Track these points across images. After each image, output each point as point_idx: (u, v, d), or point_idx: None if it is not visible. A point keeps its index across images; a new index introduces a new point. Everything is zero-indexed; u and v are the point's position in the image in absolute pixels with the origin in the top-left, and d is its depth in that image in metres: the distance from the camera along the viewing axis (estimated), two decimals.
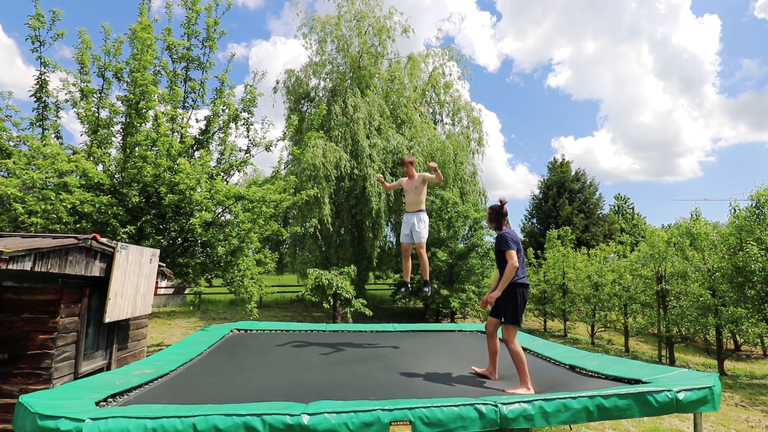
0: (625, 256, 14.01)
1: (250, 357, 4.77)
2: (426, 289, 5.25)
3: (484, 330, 6.88)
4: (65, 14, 7.53)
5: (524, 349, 5.26)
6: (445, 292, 13.41)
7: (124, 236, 6.86)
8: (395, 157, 16.20)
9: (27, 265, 3.75)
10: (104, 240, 4.91)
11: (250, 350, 5.10)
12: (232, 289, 8.70)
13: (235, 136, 9.55)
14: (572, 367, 4.27)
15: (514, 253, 3.76)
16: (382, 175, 5.55)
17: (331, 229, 15.65)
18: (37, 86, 7.57)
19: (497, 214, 4.07)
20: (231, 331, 6.05)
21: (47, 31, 7.43)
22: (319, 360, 4.74)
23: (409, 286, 5.45)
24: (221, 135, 9.37)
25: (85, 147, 7.71)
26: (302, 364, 4.54)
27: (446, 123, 19.80)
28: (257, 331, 6.33)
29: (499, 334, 4.02)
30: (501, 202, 4.08)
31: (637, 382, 3.37)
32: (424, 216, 5.19)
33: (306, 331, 6.44)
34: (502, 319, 3.84)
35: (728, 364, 10.66)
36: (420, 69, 19.30)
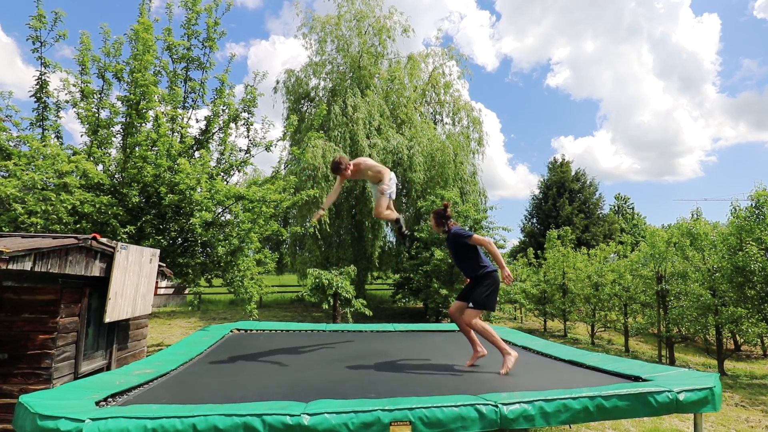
0: (625, 256, 14.00)
1: (250, 357, 4.76)
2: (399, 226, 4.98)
3: None
4: (66, 15, 7.53)
5: (526, 349, 5.27)
6: (444, 291, 13.41)
7: (124, 236, 6.86)
8: (395, 157, 16.21)
9: (27, 265, 3.75)
10: (104, 240, 4.91)
11: (250, 350, 5.09)
12: (232, 290, 8.71)
13: (235, 136, 9.56)
14: (572, 363, 4.28)
15: (477, 235, 3.86)
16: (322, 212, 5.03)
17: (329, 230, 15.66)
18: (37, 86, 7.57)
19: (443, 217, 4.14)
20: (231, 331, 6.04)
21: (48, 32, 7.42)
22: (319, 360, 4.74)
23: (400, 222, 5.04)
24: (221, 135, 9.37)
25: (85, 147, 7.72)
26: (302, 364, 4.54)
27: (446, 123, 19.82)
28: (257, 331, 6.33)
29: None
30: (445, 205, 4.17)
31: (637, 378, 3.39)
32: (387, 175, 4.98)
33: (306, 331, 6.44)
34: (470, 304, 3.85)
35: (728, 364, 10.66)
36: (420, 69, 19.30)
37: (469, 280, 4.07)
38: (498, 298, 13.48)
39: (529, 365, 4.15)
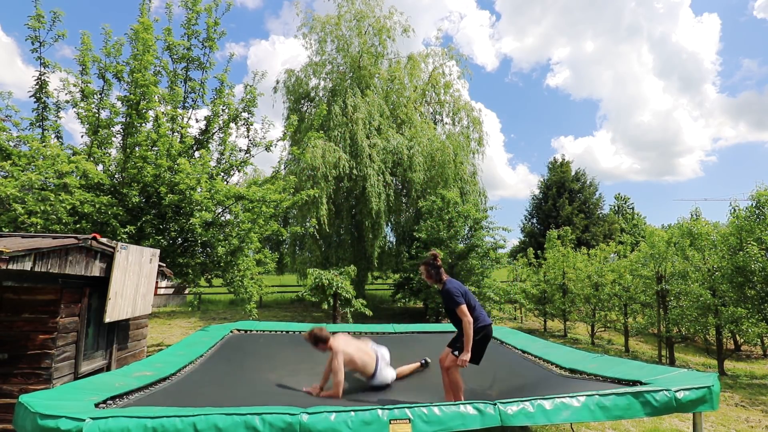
0: (625, 256, 13.99)
1: (250, 358, 4.76)
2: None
3: None
4: (65, 14, 7.54)
5: (524, 352, 5.27)
6: None
7: (124, 236, 6.86)
8: (395, 157, 16.21)
9: (27, 265, 3.75)
10: (104, 240, 4.91)
11: (250, 351, 5.09)
12: (232, 290, 8.71)
13: (235, 136, 9.56)
14: (572, 371, 4.25)
15: (465, 307, 3.69)
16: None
17: (329, 230, 15.66)
18: (37, 87, 7.57)
19: (434, 267, 3.95)
20: (231, 331, 6.05)
21: (47, 32, 7.43)
22: (319, 361, 4.74)
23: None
24: (221, 135, 9.38)
25: (85, 147, 7.72)
26: (302, 365, 4.54)
27: (446, 123, 19.80)
28: (257, 331, 6.33)
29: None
30: (433, 255, 3.99)
31: (637, 383, 3.38)
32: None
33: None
34: (455, 352, 3.74)
35: (728, 364, 10.65)
36: (420, 69, 19.30)
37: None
38: (501, 301, 13.51)
39: (527, 377, 4.09)
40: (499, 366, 4.56)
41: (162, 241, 7.43)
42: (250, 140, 9.55)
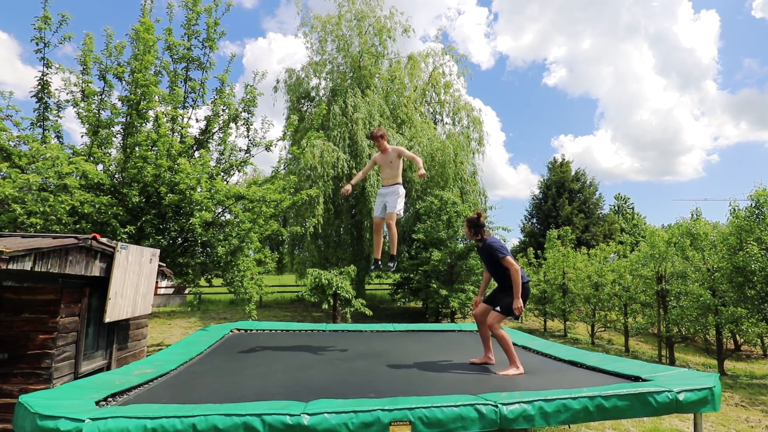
0: (625, 256, 14.00)
1: (250, 357, 4.76)
2: (390, 264, 5.14)
3: None
4: (72, 18, 7.54)
5: (526, 348, 5.28)
6: (444, 292, 13.40)
7: (124, 236, 6.86)
8: None
9: (27, 265, 3.75)
10: (104, 240, 4.91)
11: (250, 350, 5.10)
12: (232, 290, 8.71)
13: (235, 136, 9.57)
14: (573, 363, 4.31)
15: (510, 258, 3.93)
16: (349, 187, 5.02)
17: (322, 231, 15.68)
18: (39, 87, 7.57)
19: (476, 226, 4.18)
20: (231, 331, 6.05)
21: (53, 33, 7.43)
22: (319, 360, 4.74)
23: (379, 263, 5.16)
24: (221, 135, 9.38)
25: (86, 147, 7.72)
26: (302, 364, 4.53)
27: (446, 123, 19.81)
28: (257, 331, 6.33)
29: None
30: (477, 213, 4.21)
31: (637, 378, 3.39)
32: (400, 189, 4.89)
33: (306, 331, 6.44)
34: (497, 308, 3.96)
35: (728, 364, 10.66)
36: (420, 69, 19.30)
37: (498, 285, 4.18)
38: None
39: (529, 366, 4.16)
40: (500, 360, 4.56)
41: (162, 241, 7.43)
42: (250, 140, 9.55)
